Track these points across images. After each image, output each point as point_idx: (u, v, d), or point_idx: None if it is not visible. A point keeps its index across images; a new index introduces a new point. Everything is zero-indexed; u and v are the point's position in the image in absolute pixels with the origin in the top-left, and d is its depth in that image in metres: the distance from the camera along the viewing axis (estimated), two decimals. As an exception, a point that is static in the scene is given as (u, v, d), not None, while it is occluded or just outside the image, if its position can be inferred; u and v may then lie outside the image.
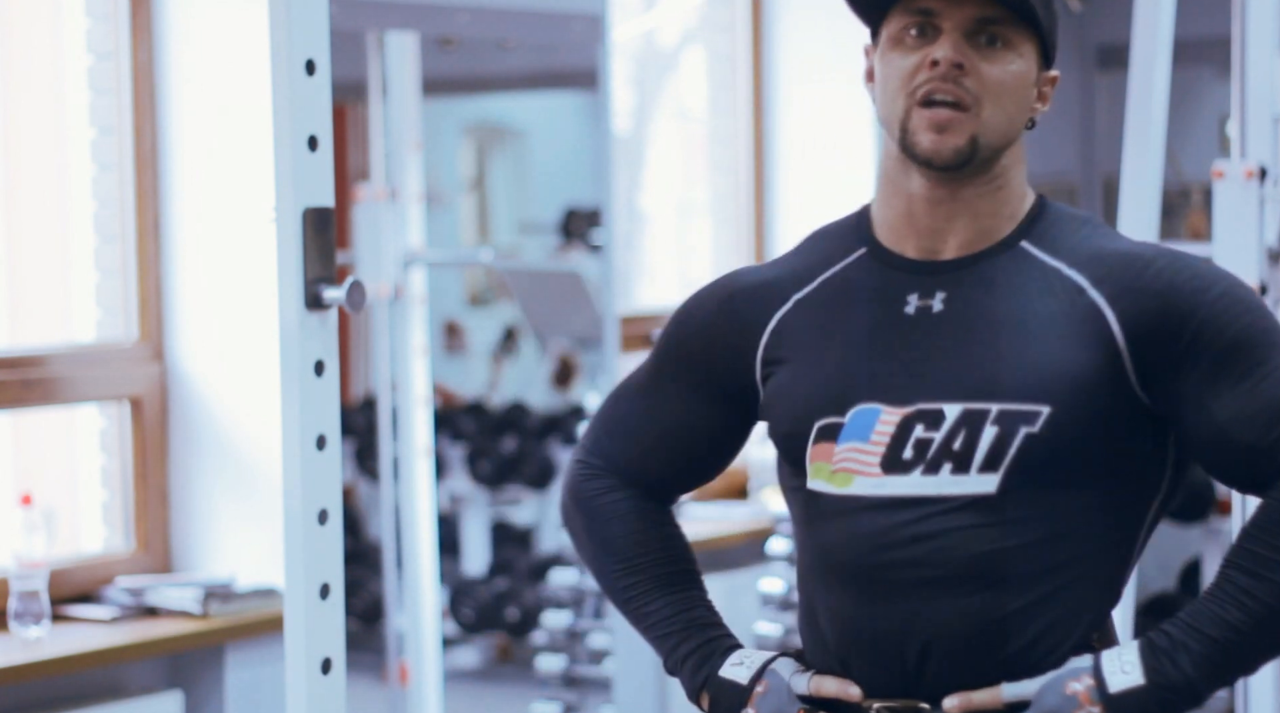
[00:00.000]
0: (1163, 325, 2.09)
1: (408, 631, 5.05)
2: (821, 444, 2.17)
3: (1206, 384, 2.08)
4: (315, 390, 2.36)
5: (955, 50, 2.11)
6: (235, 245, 4.28)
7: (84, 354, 4.29)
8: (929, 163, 2.13)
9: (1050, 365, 2.10)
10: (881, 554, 2.12)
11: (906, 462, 2.12)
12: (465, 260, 7.05)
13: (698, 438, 2.32)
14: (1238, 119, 3.46)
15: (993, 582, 2.10)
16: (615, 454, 2.35)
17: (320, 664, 2.37)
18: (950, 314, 2.15)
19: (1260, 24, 3.45)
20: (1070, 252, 2.15)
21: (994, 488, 2.10)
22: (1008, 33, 2.13)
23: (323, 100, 2.36)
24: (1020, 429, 2.09)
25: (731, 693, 2.23)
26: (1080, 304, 2.12)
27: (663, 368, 2.33)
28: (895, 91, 2.14)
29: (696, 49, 6.19)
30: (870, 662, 2.15)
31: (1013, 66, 2.14)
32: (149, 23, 4.31)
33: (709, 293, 2.32)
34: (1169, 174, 3.51)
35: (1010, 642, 2.11)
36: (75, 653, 3.92)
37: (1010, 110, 2.14)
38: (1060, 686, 2.08)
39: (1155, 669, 2.05)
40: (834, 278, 2.22)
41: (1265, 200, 3.42)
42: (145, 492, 4.32)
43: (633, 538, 2.33)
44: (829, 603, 2.18)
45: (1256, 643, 2.06)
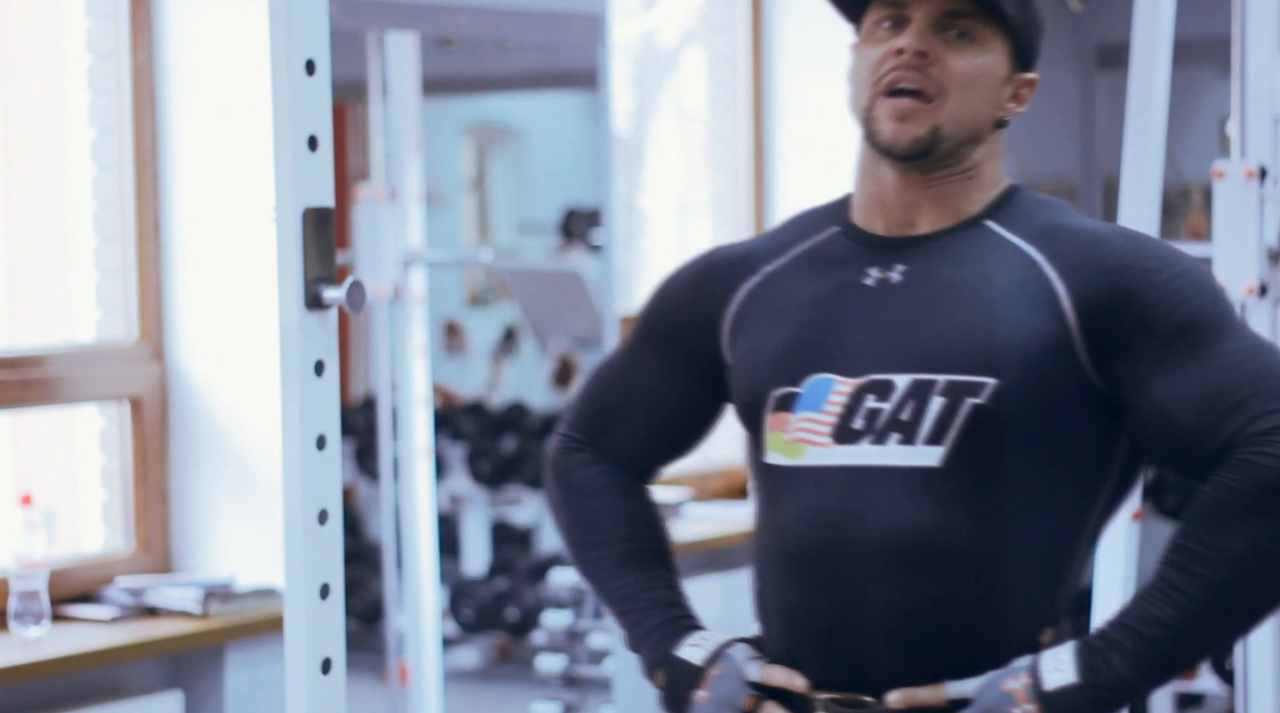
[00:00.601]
0: (1111, 303, 2.10)
1: (408, 631, 5.05)
2: (778, 414, 2.18)
3: (1153, 364, 2.08)
4: (315, 390, 2.36)
5: (920, 39, 2.14)
6: (235, 245, 4.28)
7: (84, 354, 4.29)
8: (889, 152, 2.15)
9: (999, 338, 2.11)
10: (828, 530, 2.13)
11: (856, 432, 2.13)
12: (465, 260, 7.05)
13: (673, 412, 2.34)
14: (1238, 119, 3.46)
15: (936, 561, 2.09)
16: (594, 428, 2.37)
17: (320, 664, 2.37)
18: (907, 285, 2.16)
19: (1260, 24, 3.45)
20: (1030, 229, 2.17)
21: (939, 461, 2.10)
22: (976, 28, 2.16)
23: (323, 100, 2.36)
24: (966, 400, 2.10)
25: (686, 673, 2.25)
26: (1033, 277, 2.13)
27: (641, 342, 2.36)
28: (863, 82, 2.18)
29: (696, 49, 6.19)
30: (815, 653, 2.16)
31: (979, 60, 2.16)
32: (149, 23, 4.31)
33: (686, 267, 2.34)
34: (1169, 174, 3.51)
35: (956, 630, 2.11)
36: (75, 653, 3.92)
37: (975, 103, 2.16)
38: (998, 683, 2.09)
39: (1089, 668, 2.06)
40: (804, 252, 2.25)
41: (1265, 200, 3.42)
42: (145, 492, 4.32)
43: (604, 512, 2.35)
44: (777, 590, 2.19)
45: (1189, 640, 2.05)
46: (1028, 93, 2.22)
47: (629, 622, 2.32)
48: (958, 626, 2.11)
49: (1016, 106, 2.21)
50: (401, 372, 5.07)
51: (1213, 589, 2.03)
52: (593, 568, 2.36)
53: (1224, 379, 2.06)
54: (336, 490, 2.40)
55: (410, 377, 5.06)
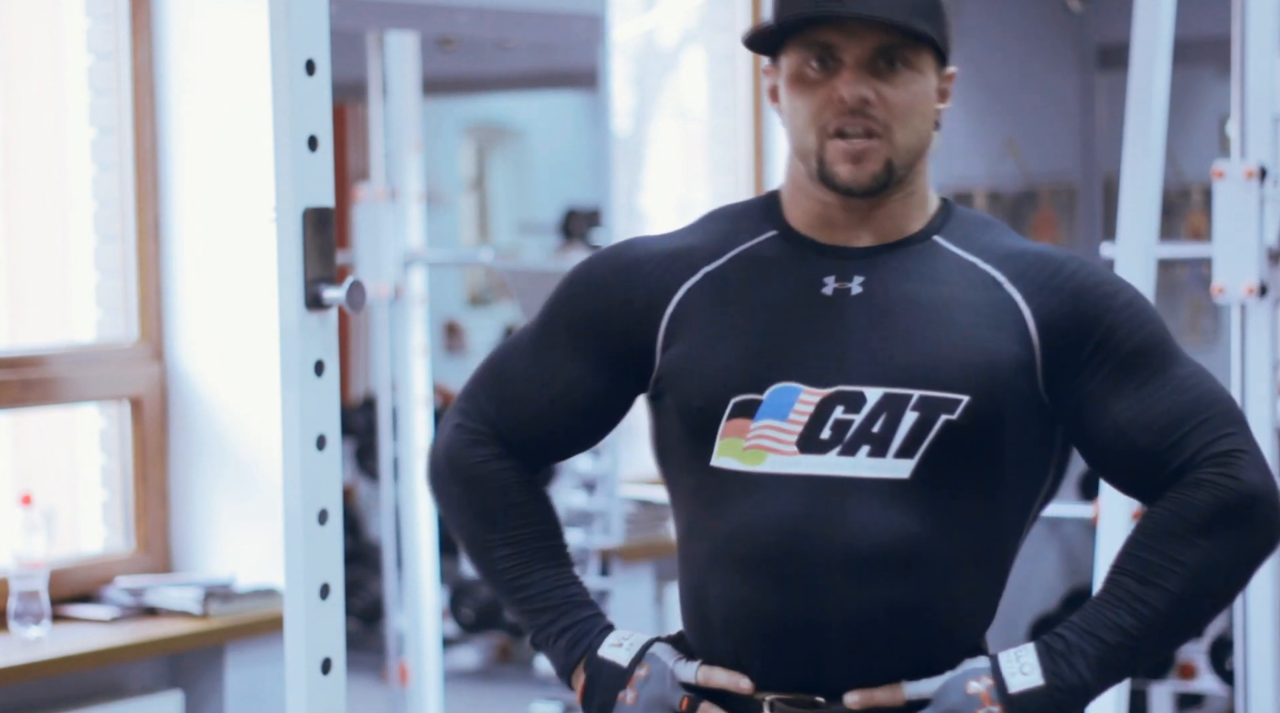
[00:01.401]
0: (1073, 326, 2.16)
1: (408, 631, 5.05)
2: (736, 420, 2.18)
3: (1109, 387, 2.15)
4: (315, 390, 2.36)
5: (857, 86, 2.14)
6: (235, 245, 4.28)
7: (84, 354, 4.29)
8: (849, 192, 2.17)
9: (971, 356, 2.15)
10: (789, 536, 2.14)
11: (823, 442, 2.15)
12: (465, 260, 7.04)
13: (585, 404, 2.30)
14: (1238, 119, 3.46)
15: (902, 568, 2.13)
16: (498, 420, 2.32)
17: (320, 664, 2.38)
18: (869, 298, 2.18)
19: (1260, 24, 3.45)
20: (982, 248, 2.21)
21: (908, 473, 2.14)
22: (906, 53, 2.17)
23: (323, 100, 2.36)
24: (940, 416, 2.13)
25: (610, 674, 2.24)
26: (998, 298, 2.17)
27: (552, 332, 2.31)
28: (805, 126, 2.18)
29: (696, 49, 6.19)
30: (766, 653, 2.17)
31: (915, 86, 2.17)
32: (149, 23, 4.30)
33: (606, 257, 2.31)
34: (1169, 174, 3.51)
35: (914, 633, 2.14)
36: (75, 653, 3.91)
37: (919, 127, 2.18)
38: (961, 685, 2.13)
39: (1053, 672, 2.12)
40: (744, 255, 2.24)
41: (1265, 200, 3.42)
42: (145, 492, 4.32)
43: (512, 509, 2.30)
44: (724, 590, 2.18)
45: (1147, 646, 2.14)
46: (949, 87, 2.24)
47: (541, 620, 2.30)
48: (913, 629, 2.15)
49: (944, 104, 2.23)
50: (401, 372, 5.07)
51: (1172, 601, 2.12)
52: (498, 565, 2.31)
53: (1179, 403, 2.15)
54: (336, 490, 2.40)
55: (410, 377, 5.06)
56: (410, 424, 5.06)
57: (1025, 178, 6.28)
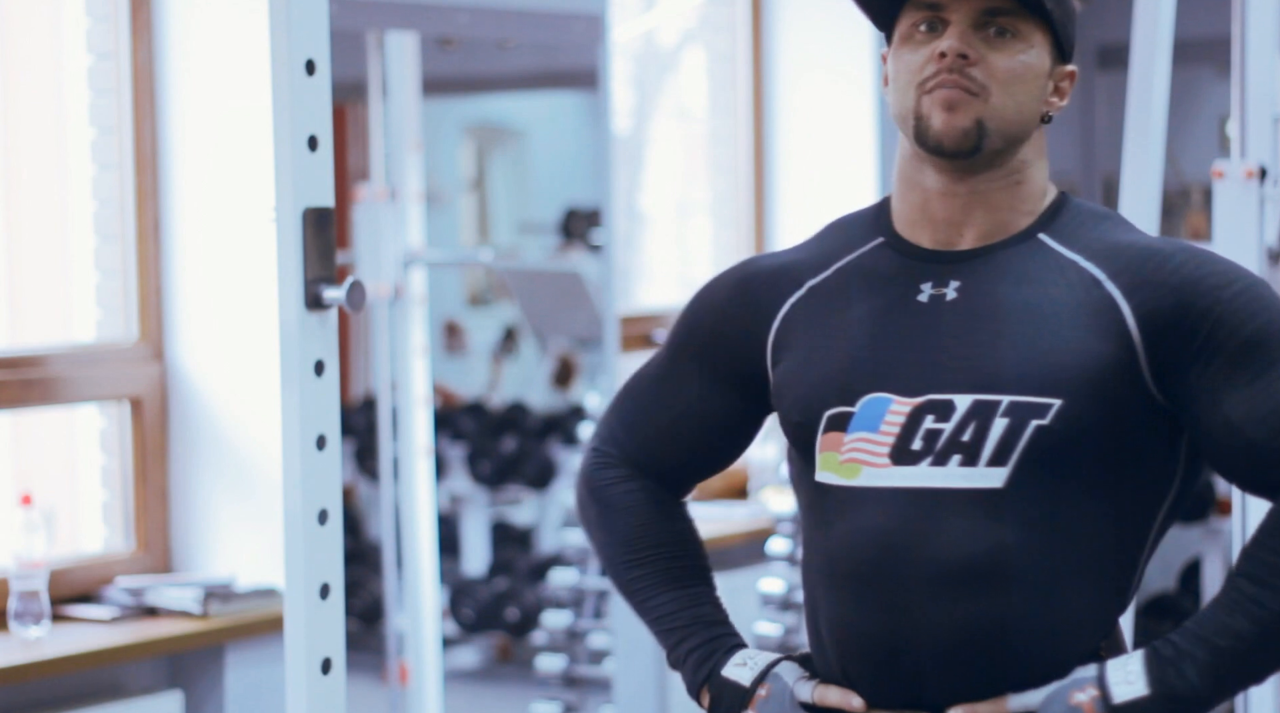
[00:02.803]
0: (1179, 321, 2.08)
1: (408, 631, 5.05)
2: (831, 434, 2.15)
3: (1220, 382, 2.06)
4: (315, 390, 2.36)
5: (961, 41, 2.11)
6: (235, 245, 4.28)
7: (84, 354, 4.29)
8: (939, 146, 2.12)
9: (1062, 358, 2.08)
10: (886, 551, 2.10)
11: (915, 453, 2.10)
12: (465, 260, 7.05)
13: (711, 424, 2.31)
14: (1238, 119, 3.46)
15: (997, 582, 2.07)
16: (629, 443, 2.34)
17: (320, 664, 2.38)
18: (964, 303, 2.13)
19: (1260, 24, 3.45)
20: (1087, 244, 2.14)
21: (1002, 482, 2.08)
22: (1016, 24, 2.13)
23: (323, 100, 2.36)
24: (1030, 422, 2.07)
25: (733, 694, 2.22)
26: (1095, 296, 2.10)
27: (677, 354, 2.32)
28: (905, 85, 2.14)
29: (696, 49, 6.19)
30: (871, 671, 2.13)
31: (1022, 57, 2.13)
32: (149, 23, 4.30)
33: (724, 278, 2.31)
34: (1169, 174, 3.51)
35: (1014, 647, 2.08)
36: (75, 653, 3.91)
37: (1020, 98, 2.13)
38: (1065, 696, 2.06)
39: (1161, 680, 2.03)
40: (849, 266, 2.21)
41: (1265, 200, 3.42)
42: (145, 492, 4.32)
43: (642, 530, 2.31)
44: (829, 608, 2.16)
45: (1264, 652, 2.04)
46: (1068, 85, 2.19)
47: (671, 640, 2.29)
48: (1017, 643, 2.09)
49: (1059, 100, 2.19)
50: (401, 372, 5.07)
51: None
52: (632, 587, 2.32)
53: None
54: (336, 490, 2.40)
55: (410, 377, 5.06)
56: (410, 424, 5.06)
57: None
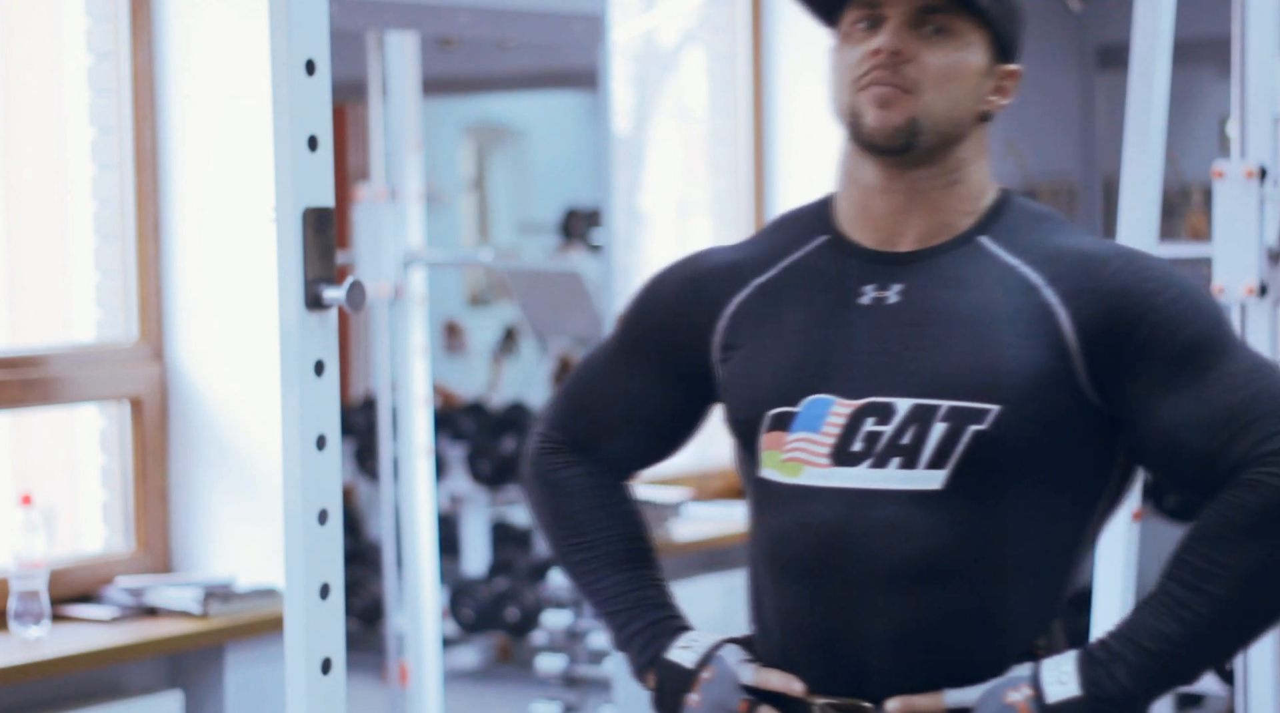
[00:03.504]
0: (1115, 327, 2.10)
1: (408, 631, 5.05)
2: (774, 432, 2.18)
3: (1157, 387, 2.09)
4: (315, 390, 2.36)
5: (894, 38, 2.14)
6: (235, 245, 4.28)
7: (84, 354, 4.29)
8: (872, 141, 2.15)
9: (1001, 364, 2.11)
10: (827, 548, 2.14)
11: (855, 454, 2.14)
12: (465, 260, 7.05)
13: (655, 414, 2.33)
14: (1238, 119, 3.46)
15: (935, 581, 2.11)
16: (574, 428, 2.36)
17: (320, 664, 2.37)
18: (905, 307, 2.16)
19: (1260, 24, 3.45)
20: (1028, 249, 2.17)
21: (940, 484, 2.11)
22: (952, 22, 2.16)
23: (323, 100, 2.36)
24: (969, 427, 2.10)
25: (677, 676, 2.24)
26: (1033, 302, 2.13)
27: (625, 343, 2.34)
28: (843, 82, 2.19)
29: (696, 49, 6.19)
30: (814, 658, 2.17)
31: (957, 55, 2.16)
32: (149, 23, 4.31)
33: (673, 270, 2.33)
34: (1169, 174, 3.51)
35: (952, 644, 2.12)
36: (75, 653, 3.92)
37: (954, 96, 2.16)
38: (1000, 694, 2.10)
39: (1092, 681, 2.06)
40: (795, 265, 2.24)
41: (1265, 200, 3.42)
42: (145, 492, 4.32)
43: (588, 513, 2.34)
44: (775, 596, 2.19)
45: (1193, 655, 2.07)
46: (1011, 84, 2.21)
47: (616, 623, 2.31)
48: (957, 639, 2.12)
49: (1000, 99, 2.21)
50: (401, 372, 5.07)
51: (1219, 606, 2.04)
52: (578, 569, 2.35)
53: (1230, 401, 2.07)
54: (336, 490, 2.40)
55: (410, 377, 5.06)
56: (410, 424, 5.06)
57: (1025, 178, 6.28)
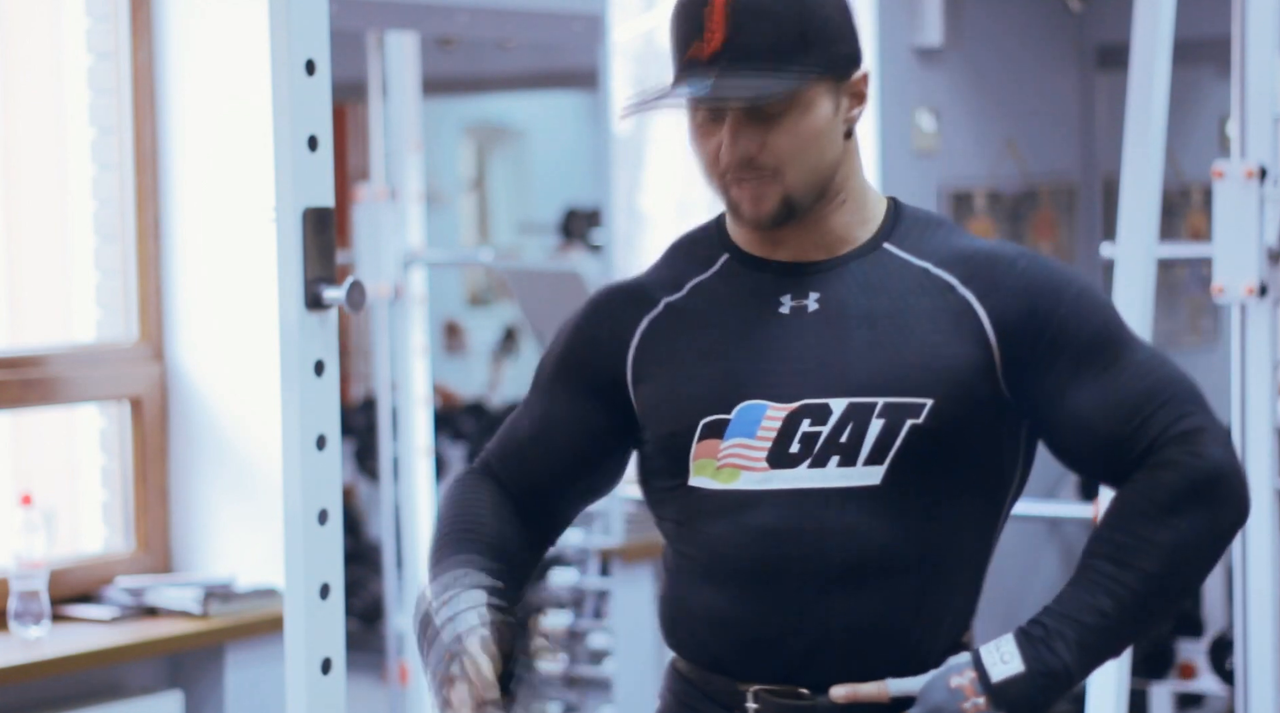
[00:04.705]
0: (1028, 322, 2.19)
1: (408, 631, 5.05)
2: (706, 441, 2.21)
3: (1068, 379, 2.18)
4: (315, 390, 2.36)
5: (740, 141, 2.16)
6: (235, 245, 4.28)
7: (84, 354, 4.29)
8: (756, 227, 2.21)
9: (931, 360, 2.18)
10: (767, 551, 2.17)
11: (793, 456, 2.18)
12: (465, 260, 7.05)
13: (580, 449, 2.32)
14: (1238, 119, 3.47)
15: (878, 575, 2.17)
16: (500, 469, 2.34)
17: (320, 664, 2.38)
18: (826, 313, 2.21)
19: (1260, 24, 3.45)
20: (933, 252, 2.23)
21: (879, 480, 2.17)
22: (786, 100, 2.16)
23: (323, 100, 2.36)
24: (906, 421, 2.16)
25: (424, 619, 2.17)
26: (952, 301, 2.20)
27: (540, 384, 2.35)
28: (706, 172, 2.21)
29: (696, 49, 6.18)
30: (747, 656, 2.19)
31: (802, 124, 2.18)
32: (149, 23, 4.31)
33: (582, 308, 2.36)
34: (1169, 174, 3.51)
35: (894, 638, 2.18)
36: (75, 653, 3.92)
37: (814, 160, 2.19)
38: (944, 681, 2.15)
39: (1034, 658, 2.14)
40: (704, 284, 2.28)
41: (1265, 200, 3.42)
42: (145, 492, 4.32)
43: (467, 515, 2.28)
44: (706, 603, 2.21)
45: (1127, 627, 2.17)
46: (864, 88, 2.24)
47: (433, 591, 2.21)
48: (898, 631, 2.18)
49: (858, 107, 2.23)
50: (401, 372, 5.07)
51: (1148, 581, 2.14)
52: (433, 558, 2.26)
53: (1138, 388, 2.18)
54: (336, 490, 2.40)
55: (410, 377, 5.06)
56: (410, 424, 5.06)
57: (1025, 178, 6.28)
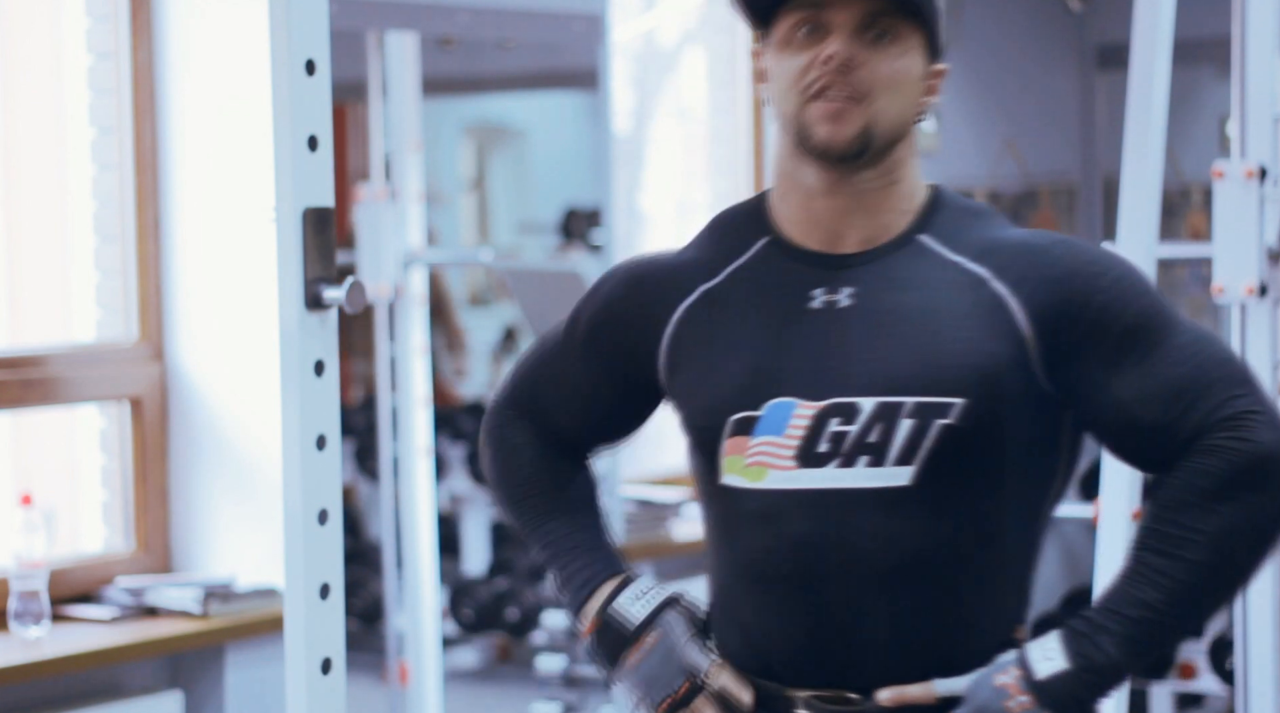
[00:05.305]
0: (1065, 311, 2.14)
1: (408, 631, 5.05)
2: (736, 438, 2.19)
3: (1109, 366, 2.13)
4: (315, 390, 2.36)
5: (845, 47, 2.14)
6: (235, 245, 4.28)
7: (84, 354, 4.29)
8: (825, 153, 2.16)
9: (961, 358, 2.14)
10: (799, 554, 2.15)
11: (822, 455, 2.15)
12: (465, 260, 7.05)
13: (603, 406, 2.35)
14: (1238, 119, 3.46)
15: (914, 578, 2.13)
16: (529, 406, 2.38)
17: (320, 664, 2.37)
18: (859, 309, 2.18)
19: (1260, 24, 3.45)
20: (969, 245, 2.19)
21: (909, 480, 2.13)
22: (896, 26, 2.16)
23: (323, 100, 2.36)
24: (936, 421, 2.12)
25: (618, 633, 2.26)
26: (984, 296, 2.16)
27: (572, 338, 2.35)
28: (787, 90, 2.17)
29: (696, 49, 6.19)
30: (792, 661, 2.18)
31: (902, 60, 2.17)
32: (149, 23, 4.31)
33: (619, 272, 2.34)
34: (1169, 174, 3.51)
35: (938, 639, 2.14)
36: (75, 653, 3.92)
37: (901, 102, 2.17)
38: (989, 680, 2.12)
39: (1080, 653, 2.10)
40: (740, 270, 2.25)
41: (1265, 200, 3.42)
42: (145, 492, 4.33)
43: (536, 464, 2.36)
44: (748, 605, 2.20)
45: (1174, 620, 2.11)
46: (938, 83, 2.23)
47: (557, 563, 2.33)
48: (936, 633, 2.15)
49: (931, 99, 2.23)
50: (401, 372, 5.07)
51: (1195, 571, 2.08)
52: (524, 517, 2.36)
53: (1181, 373, 2.12)
54: (336, 490, 2.40)
55: (410, 377, 5.06)
56: (410, 424, 5.06)
57: (1025, 178, 6.28)
